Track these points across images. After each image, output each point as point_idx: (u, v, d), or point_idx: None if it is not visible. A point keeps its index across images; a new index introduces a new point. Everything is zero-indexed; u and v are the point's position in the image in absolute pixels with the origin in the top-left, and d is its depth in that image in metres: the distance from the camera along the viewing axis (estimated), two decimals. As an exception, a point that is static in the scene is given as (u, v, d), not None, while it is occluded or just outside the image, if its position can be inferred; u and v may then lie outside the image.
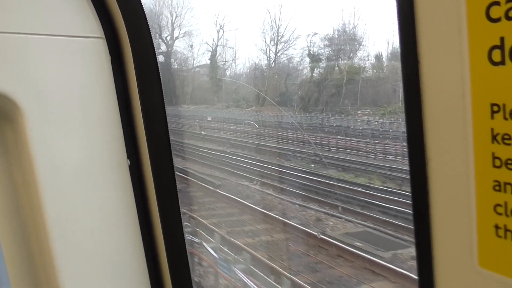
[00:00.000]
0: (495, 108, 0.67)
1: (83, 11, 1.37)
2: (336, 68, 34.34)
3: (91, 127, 1.39)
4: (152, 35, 1.43)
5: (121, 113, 1.46)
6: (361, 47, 35.45)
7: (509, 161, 0.67)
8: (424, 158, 0.77)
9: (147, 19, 1.42)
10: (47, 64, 1.30)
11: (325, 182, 16.94)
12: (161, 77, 1.48)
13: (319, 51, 36.34)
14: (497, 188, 0.69)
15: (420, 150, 0.77)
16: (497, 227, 0.70)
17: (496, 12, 0.65)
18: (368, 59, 34.67)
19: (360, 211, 14.35)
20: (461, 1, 0.69)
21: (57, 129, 1.32)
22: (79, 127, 1.37)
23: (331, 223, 14.02)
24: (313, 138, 25.90)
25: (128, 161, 1.48)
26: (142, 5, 1.42)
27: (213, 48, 43.89)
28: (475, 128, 0.70)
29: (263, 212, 14.63)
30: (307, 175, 18.43)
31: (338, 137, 24.97)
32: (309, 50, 37.24)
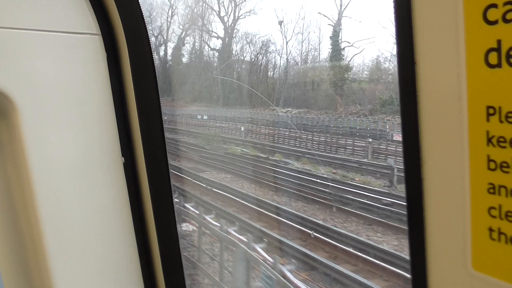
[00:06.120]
0: (491, 111, 0.67)
1: (79, 7, 1.36)
2: None
3: (85, 124, 1.38)
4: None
5: (116, 110, 1.45)
6: None
7: (504, 164, 0.67)
8: (419, 160, 0.77)
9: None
10: (42, 60, 1.29)
11: None
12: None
13: None
14: (491, 190, 0.69)
15: (415, 151, 0.77)
16: (491, 229, 0.70)
17: (493, 14, 0.65)
18: None
19: None
20: (458, 3, 0.69)
21: (51, 125, 1.31)
22: (74, 124, 1.36)
23: None
24: None
25: (123, 158, 1.47)
26: (138, 2, 1.41)
27: (335, 22, 28.09)
28: (471, 131, 0.70)
29: None
30: None
31: None
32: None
